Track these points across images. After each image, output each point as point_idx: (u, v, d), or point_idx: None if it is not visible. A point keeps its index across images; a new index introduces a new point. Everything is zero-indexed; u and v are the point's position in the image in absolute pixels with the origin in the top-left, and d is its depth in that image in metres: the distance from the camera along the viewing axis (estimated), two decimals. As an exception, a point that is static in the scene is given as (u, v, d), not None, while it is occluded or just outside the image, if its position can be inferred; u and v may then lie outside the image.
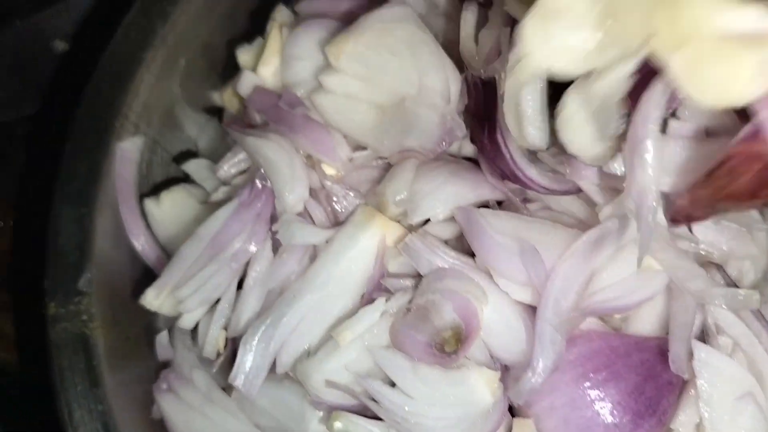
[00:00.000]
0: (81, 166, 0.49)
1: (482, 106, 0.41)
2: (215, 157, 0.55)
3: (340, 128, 0.45)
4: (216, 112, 0.58)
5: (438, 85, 0.42)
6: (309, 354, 0.43)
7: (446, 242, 0.44)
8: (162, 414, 0.47)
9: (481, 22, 0.43)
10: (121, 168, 0.50)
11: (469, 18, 0.43)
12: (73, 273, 0.47)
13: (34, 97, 0.63)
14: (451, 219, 0.44)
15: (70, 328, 0.47)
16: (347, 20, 0.48)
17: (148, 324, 0.51)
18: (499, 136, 0.41)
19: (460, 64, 0.45)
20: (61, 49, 0.62)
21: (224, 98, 0.55)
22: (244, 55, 0.52)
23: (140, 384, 0.49)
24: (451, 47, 0.45)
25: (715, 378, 0.42)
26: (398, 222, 0.45)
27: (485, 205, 0.44)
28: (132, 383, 0.48)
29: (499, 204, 0.45)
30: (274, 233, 0.44)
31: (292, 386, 0.44)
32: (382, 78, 0.43)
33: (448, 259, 0.42)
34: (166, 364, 0.49)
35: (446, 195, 0.43)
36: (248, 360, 0.43)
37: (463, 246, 0.44)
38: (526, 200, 0.44)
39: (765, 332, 0.43)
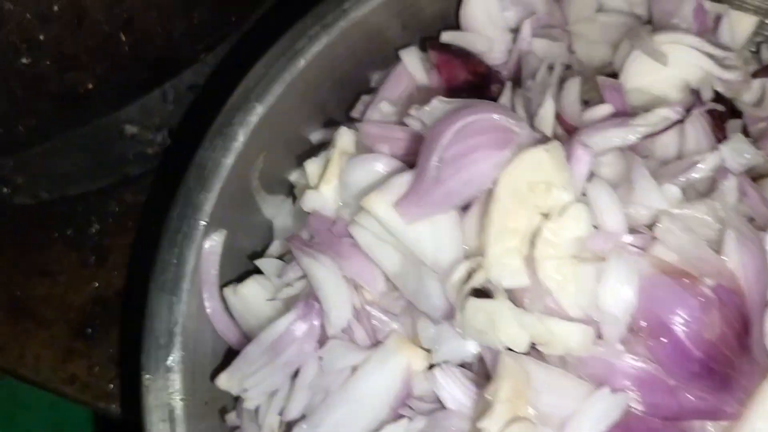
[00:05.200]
0: (172, 258, 0.59)
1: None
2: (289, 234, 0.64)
3: (373, 260, 0.52)
4: (290, 191, 0.66)
5: (449, 263, 0.48)
6: (341, 456, 0.53)
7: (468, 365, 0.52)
8: (230, 470, 0.58)
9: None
10: (206, 261, 0.59)
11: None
12: (163, 352, 0.58)
13: (107, 172, 0.75)
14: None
15: (159, 397, 0.57)
16: (397, 151, 0.55)
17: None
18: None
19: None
20: (130, 133, 0.73)
21: (296, 189, 0.63)
22: (311, 166, 0.59)
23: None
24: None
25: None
26: (426, 351, 0.52)
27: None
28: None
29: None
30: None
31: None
32: (405, 236, 0.49)
33: (470, 395, 0.49)
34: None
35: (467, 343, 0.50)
36: (290, 455, 0.53)
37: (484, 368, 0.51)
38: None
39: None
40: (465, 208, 0.50)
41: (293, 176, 0.65)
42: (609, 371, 0.46)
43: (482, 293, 0.47)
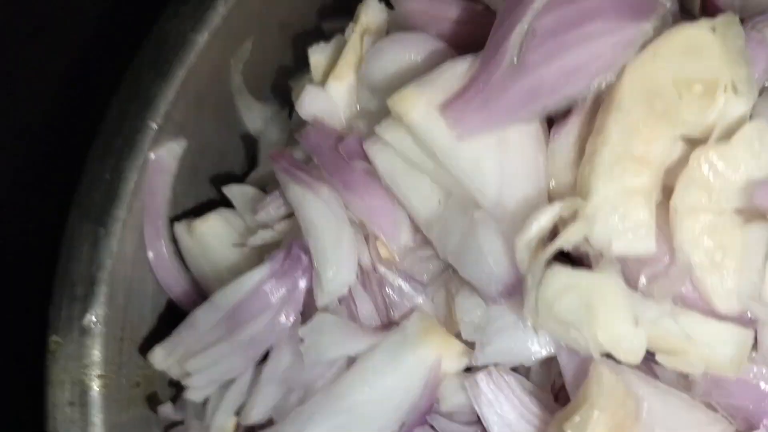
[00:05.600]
0: (104, 173, 0.41)
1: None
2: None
3: (396, 197, 0.34)
4: (288, 102, 0.47)
5: (521, 206, 0.30)
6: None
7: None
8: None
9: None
10: (154, 180, 0.42)
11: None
12: (80, 307, 0.41)
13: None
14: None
15: (68, 369, 0.40)
16: (449, 38, 0.36)
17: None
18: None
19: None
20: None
21: (294, 97, 0.45)
22: (316, 55, 0.40)
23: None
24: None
25: None
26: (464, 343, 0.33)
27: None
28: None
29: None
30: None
31: None
32: (452, 159, 0.31)
33: (530, 418, 0.32)
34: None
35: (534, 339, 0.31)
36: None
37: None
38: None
39: None
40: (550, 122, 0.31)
41: (293, 79, 0.46)
42: (764, 404, 0.28)
43: (570, 263, 0.29)
